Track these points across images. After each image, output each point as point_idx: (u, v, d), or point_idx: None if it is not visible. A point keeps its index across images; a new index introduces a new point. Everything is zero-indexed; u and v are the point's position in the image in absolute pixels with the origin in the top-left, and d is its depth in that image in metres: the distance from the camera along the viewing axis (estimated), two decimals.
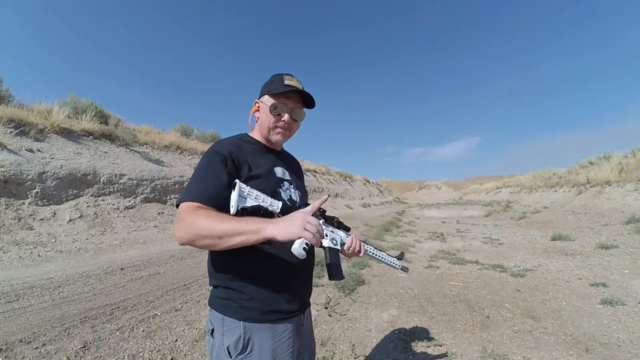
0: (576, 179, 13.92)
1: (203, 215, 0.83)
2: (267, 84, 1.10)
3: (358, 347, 2.43)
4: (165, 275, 4.01)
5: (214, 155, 0.96)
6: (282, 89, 1.03)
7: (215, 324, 0.96)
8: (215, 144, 1.03)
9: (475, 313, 3.09)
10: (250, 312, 0.93)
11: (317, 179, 20.78)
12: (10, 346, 2.14)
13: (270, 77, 1.11)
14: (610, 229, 7.41)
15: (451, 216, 16.35)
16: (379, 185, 40.48)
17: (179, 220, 0.85)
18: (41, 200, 5.69)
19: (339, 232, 1.00)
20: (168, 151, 10.23)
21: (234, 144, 1.03)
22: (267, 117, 1.07)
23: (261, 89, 1.12)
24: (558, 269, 4.70)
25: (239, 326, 0.92)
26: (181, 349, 2.32)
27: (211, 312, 0.99)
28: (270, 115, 1.05)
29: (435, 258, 5.59)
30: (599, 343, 2.43)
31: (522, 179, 25.22)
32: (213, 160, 0.95)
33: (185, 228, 0.82)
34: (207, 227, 0.81)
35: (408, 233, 9.43)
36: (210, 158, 0.96)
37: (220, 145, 1.01)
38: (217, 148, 0.99)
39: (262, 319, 0.94)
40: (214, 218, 0.83)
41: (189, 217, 0.83)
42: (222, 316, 0.94)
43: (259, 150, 1.08)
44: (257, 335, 0.93)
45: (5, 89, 7.29)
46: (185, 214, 0.84)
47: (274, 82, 1.07)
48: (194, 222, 0.82)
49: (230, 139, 1.08)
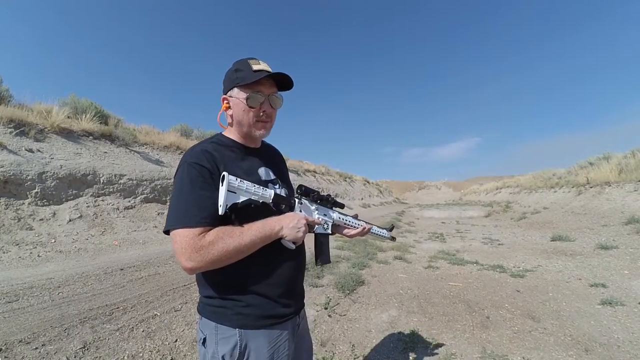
0: (576, 180, 13.93)
1: (215, 240, 0.81)
2: (231, 74, 0.96)
3: (358, 348, 2.43)
4: (165, 276, 4.01)
5: (193, 168, 0.87)
6: (253, 77, 0.91)
7: (207, 333, 0.91)
8: (190, 153, 0.90)
9: (475, 313, 3.09)
10: (246, 319, 0.90)
11: (317, 179, 20.79)
12: (10, 346, 2.14)
13: (233, 66, 0.97)
14: (609, 230, 7.42)
15: (451, 217, 16.35)
16: (379, 185, 40.49)
17: (183, 250, 0.80)
18: (41, 201, 5.69)
19: (332, 214, 1.08)
20: (168, 151, 10.23)
21: (210, 151, 0.92)
22: (243, 113, 0.95)
23: (225, 81, 0.98)
24: (558, 269, 4.70)
25: (235, 334, 0.89)
26: (181, 349, 2.32)
27: (202, 320, 0.94)
28: (248, 109, 0.93)
29: (435, 258, 5.59)
30: (598, 343, 2.43)
31: (521, 179, 25.23)
32: (195, 174, 0.86)
33: (197, 258, 0.80)
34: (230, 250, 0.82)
35: (408, 233, 9.43)
36: (191, 172, 0.86)
37: (197, 155, 0.89)
38: (195, 159, 0.88)
39: (258, 325, 0.91)
40: (227, 237, 0.82)
41: (202, 245, 0.80)
42: (214, 324, 0.90)
43: (239, 154, 0.99)
44: (253, 342, 0.90)
45: (5, 89, 7.30)
46: (190, 244, 0.80)
47: (240, 70, 0.94)
48: (212, 249, 0.80)
49: (205, 144, 0.95)
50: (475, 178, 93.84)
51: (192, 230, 0.81)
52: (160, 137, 10.57)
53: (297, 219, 0.91)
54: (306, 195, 1.02)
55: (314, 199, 1.03)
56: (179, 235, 0.82)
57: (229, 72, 0.98)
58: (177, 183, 0.89)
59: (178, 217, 0.84)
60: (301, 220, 0.92)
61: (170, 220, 0.85)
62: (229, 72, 0.98)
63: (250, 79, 0.91)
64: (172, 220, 0.84)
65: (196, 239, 0.81)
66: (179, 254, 0.81)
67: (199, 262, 0.80)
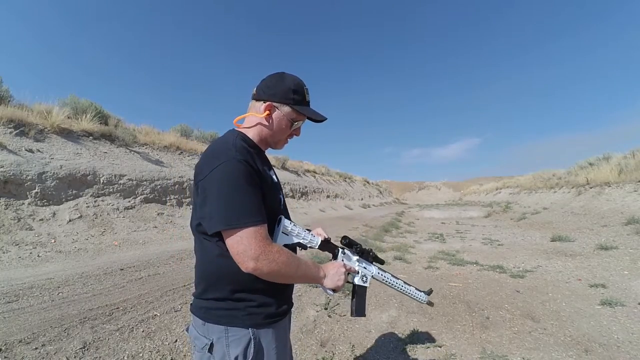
0: (576, 180, 13.94)
1: (281, 251, 0.85)
2: (287, 90, 0.97)
3: (358, 348, 2.43)
4: (165, 276, 4.00)
5: (244, 166, 0.84)
6: (309, 111, 1.00)
7: (214, 337, 0.89)
8: (234, 149, 0.87)
9: (475, 314, 3.09)
10: (257, 318, 0.91)
11: (317, 179, 20.79)
12: (9, 346, 2.14)
13: (288, 81, 0.98)
14: (609, 230, 7.42)
15: (451, 217, 16.35)
16: (379, 186, 40.50)
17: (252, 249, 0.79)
18: (41, 201, 5.69)
19: (372, 268, 1.12)
20: (168, 152, 10.24)
21: (247, 151, 0.91)
22: (283, 129, 1.00)
23: (271, 89, 0.98)
24: (557, 269, 4.70)
25: (247, 333, 0.89)
26: (181, 349, 2.32)
27: (205, 325, 0.91)
28: (287, 128, 1.00)
29: (434, 259, 5.59)
30: (598, 344, 2.43)
31: (521, 179, 25.26)
32: (248, 172, 0.84)
33: (264, 261, 0.81)
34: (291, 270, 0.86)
35: (408, 234, 9.43)
36: (243, 169, 0.84)
37: (243, 154, 0.87)
38: (244, 157, 0.86)
39: (266, 322, 0.93)
40: (293, 260, 0.87)
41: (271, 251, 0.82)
42: (224, 327, 0.89)
43: (259, 157, 0.99)
44: (264, 339, 0.92)
45: (5, 89, 7.30)
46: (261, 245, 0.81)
47: (297, 92, 0.98)
48: (278, 259, 0.83)
49: (240, 142, 0.92)
50: (475, 178, 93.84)
51: (260, 231, 0.81)
52: (160, 137, 10.58)
53: (337, 268, 1.00)
54: (349, 247, 1.09)
55: (356, 251, 1.09)
56: (246, 234, 0.80)
57: (282, 86, 0.98)
58: (225, 178, 0.82)
59: (243, 214, 0.80)
60: (341, 269, 1.01)
61: (230, 217, 0.80)
62: (282, 86, 0.98)
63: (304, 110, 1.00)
64: (234, 218, 0.80)
65: (267, 241, 0.82)
66: (243, 254, 0.80)
67: (265, 266, 0.81)
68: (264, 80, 1.02)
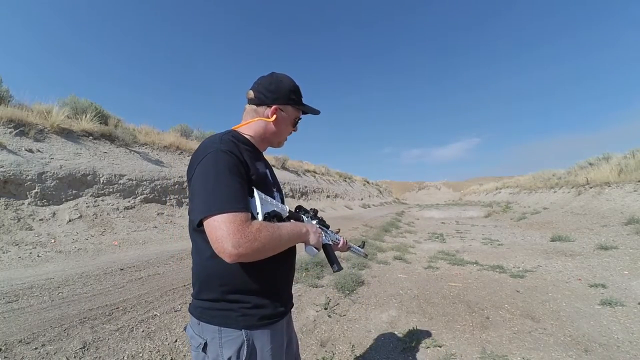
0: (575, 180, 13.95)
1: (260, 228, 0.81)
2: (287, 91, 1.04)
3: (357, 348, 2.43)
4: (165, 276, 4.00)
5: (229, 156, 0.86)
6: (308, 109, 1.11)
7: (207, 337, 0.90)
8: (219, 141, 0.90)
9: (475, 314, 3.09)
10: (251, 319, 0.91)
11: (317, 179, 20.79)
12: (9, 346, 2.14)
13: (288, 84, 1.04)
14: (609, 230, 7.42)
15: (451, 217, 16.36)
16: (379, 186, 40.50)
17: (230, 235, 0.76)
18: (40, 201, 5.69)
19: (329, 232, 1.24)
20: (168, 152, 10.24)
21: (236, 143, 0.94)
22: (287, 129, 1.10)
23: (277, 93, 1.03)
24: (557, 269, 4.70)
25: (240, 334, 0.89)
26: (180, 349, 2.32)
27: (200, 325, 0.92)
28: (290, 127, 1.10)
29: (434, 259, 5.59)
30: (598, 344, 2.44)
31: (521, 179, 25.27)
32: (232, 162, 0.85)
33: (246, 244, 0.76)
34: (274, 239, 0.84)
35: (407, 234, 9.43)
36: (227, 159, 0.85)
37: (228, 145, 0.89)
38: (228, 148, 0.88)
39: (261, 324, 0.93)
40: (275, 230, 0.85)
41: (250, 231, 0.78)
42: (217, 328, 0.89)
43: (252, 154, 0.99)
44: (258, 341, 0.92)
45: (5, 89, 7.30)
46: (239, 229, 0.77)
47: (295, 92, 1.06)
48: (259, 236, 0.79)
49: (227, 137, 0.94)
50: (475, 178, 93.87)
51: (240, 216, 0.78)
52: (160, 137, 10.58)
53: (314, 227, 1.03)
54: (305, 213, 1.16)
55: (311, 216, 1.16)
56: (224, 220, 0.77)
57: (282, 89, 1.04)
58: (208, 169, 0.84)
59: (222, 201, 0.79)
60: (316, 227, 1.05)
61: (210, 205, 0.79)
62: (282, 89, 1.04)
63: (305, 108, 1.10)
64: (214, 206, 0.79)
65: (245, 225, 0.78)
66: (224, 240, 0.76)
67: (247, 249, 0.77)
68: (260, 84, 1.04)
